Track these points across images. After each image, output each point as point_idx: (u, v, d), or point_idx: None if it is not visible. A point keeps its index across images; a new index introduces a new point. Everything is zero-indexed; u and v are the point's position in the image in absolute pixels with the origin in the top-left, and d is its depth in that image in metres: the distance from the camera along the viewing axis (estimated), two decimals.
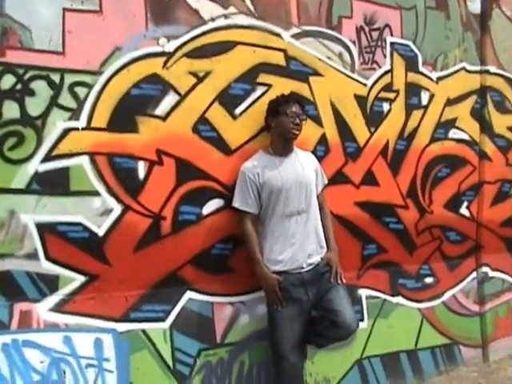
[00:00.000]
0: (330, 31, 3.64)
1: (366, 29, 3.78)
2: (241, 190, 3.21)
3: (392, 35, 3.89)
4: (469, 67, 4.28)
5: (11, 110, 2.75)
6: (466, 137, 4.27)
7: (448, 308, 4.16)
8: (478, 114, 4.33)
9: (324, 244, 3.28)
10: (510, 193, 4.50)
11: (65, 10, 2.87)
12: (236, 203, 3.20)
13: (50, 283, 2.88)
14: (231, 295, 3.35)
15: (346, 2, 3.70)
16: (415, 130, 4.00)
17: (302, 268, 3.16)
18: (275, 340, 3.16)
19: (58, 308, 2.89)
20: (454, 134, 4.20)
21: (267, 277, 3.12)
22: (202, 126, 3.23)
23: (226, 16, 3.30)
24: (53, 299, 2.88)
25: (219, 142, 3.28)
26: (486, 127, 4.35)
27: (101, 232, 2.98)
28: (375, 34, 3.81)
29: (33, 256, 2.82)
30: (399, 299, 3.94)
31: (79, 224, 2.92)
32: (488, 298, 4.33)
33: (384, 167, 3.86)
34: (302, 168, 3.28)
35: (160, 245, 3.13)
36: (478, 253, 4.36)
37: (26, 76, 2.78)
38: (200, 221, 3.24)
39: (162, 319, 3.13)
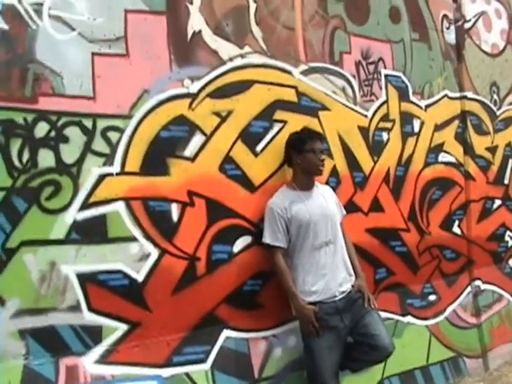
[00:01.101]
0: (333, 67, 3.78)
1: (364, 63, 3.95)
2: (270, 225, 3.25)
3: (385, 68, 4.09)
4: (450, 94, 4.55)
5: (46, 158, 2.68)
6: (452, 159, 4.52)
7: (450, 322, 4.35)
8: (461, 138, 4.60)
9: (352, 272, 3.38)
10: (492, 209, 4.79)
11: (93, 54, 2.84)
12: (267, 239, 3.23)
13: (94, 335, 2.79)
14: (264, 330, 3.36)
15: (345, 38, 3.86)
16: (411, 156, 4.20)
17: (335, 297, 3.23)
18: (315, 370, 3.19)
19: (103, 359, 2.80)
20: (442, 157, 4.44)
21: (304, 308, 3.16)
22: (228, 164, 3.26)
23: (242, 56, 3.37)
24: (97, 351, 2.78)
25: (243, 180, 3.32)
26: (468, 149, 4.63)
27: (140, 278, 2.92)
28: (371, 68, 4.00)
29: (75, 308, 2.73)
30: (409, 318, 4.08)
31: (119, 271, 2.87)
32: (483, 309, 4.56)
33: (387, 193, 4.02)
34: (325, 201, 3.37)
35: (196, 286, 3.11)
36: (470, 268, 4.59)
37: (60, 123, 2.72)
38: (231, 259, 3.25)
39: (203, 360, 3.10)
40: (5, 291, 2.56)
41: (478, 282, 4.61)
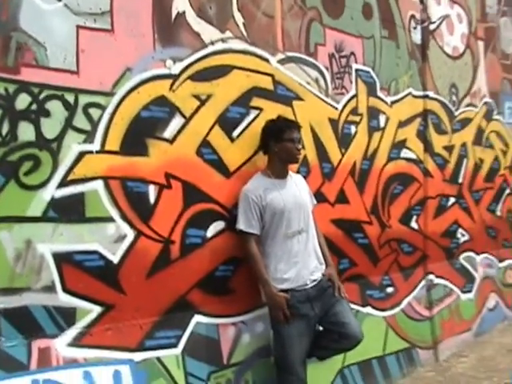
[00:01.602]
0: (308, 57, 3.82)
1: (337, 56, 4.02)
2: (244, 212, 3.24)
3: (356, 62, 4.17)
4: (414, 92, 4.70)
5: (26, 132, 2.56)
6: (413, 156, 4.67)
7: (406, 314, 4.50)
8: (422, 135, 4.77)
9: (323, 261, 3.43)
10: (447, 206, 4.98)
11: (78, 27, 2.75)
12: (241, 225, 3.23)
13: (68, 316, 2.70)
14: (233, 316, 3.36)
15: (320, 30, 3.91)
16: (376, 150, 4.31)
17: (307, 285, 3.27)
18: (284, 357, 3.23)
19: (76, 342, 2.71)
20: (404, 153, 4.58)
21: (276, 295, 3.18)
22: (205, 148, 3.24)
23: (223, 40, 3.35)
24: (71, 333, 2.69)
25: (219, 165, 3.31)
26: (428, 147, 4.80)
27: (115, 259, 2.86)
28: (344, 61, 4.07)
29: (50, 289, 2.63)
30: (368, 309, 4.18)
31: (95, 252, 2.79)
32: (435, 303, 4.74)
33: (353, 186, 4.11)
34: (298, 190, 3.41)
35: (170, 269, 3.07)
36: (425, 262, 4.76)
37: (41, 96, 2.61)
38: (204, 244, 3.23)
39: (175, 345, 3.06)
40: None
41: (431, 276, 4.79)
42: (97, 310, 2.79)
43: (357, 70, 4.17)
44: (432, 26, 4.87)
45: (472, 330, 5.05)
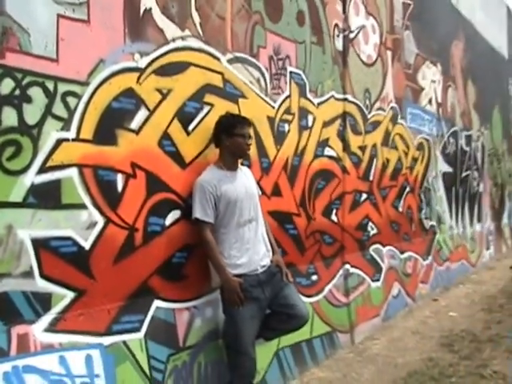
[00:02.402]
0: (252, 58, 4.06)
1: (275, 58, 4.30)
2: (200, 201, 3.41)
3: (291, 65, 4.48)
4: (336, 95, 5.11)
5: (9, 117, 2.57)
6: (334, 154, 5.07)
7: (328, 301, 4.88)
8: (341, 135, 5.19)
9: (270, 248, 3.69)
10: (360, 201, 5.46)
11: (59, 16, 2.78)
12: (197, 214, 3.39)
13: (44, 302, 2.73)
14: (187, 301, 3.52)
15: (262, 34, 4.17)
16: (304, 148, 4.65)
17: (257, 270, 3.51)
18: (237, 339, 3.42)
19: (52, 327, 2.74)
20: (327, 151, 4.97)
21: (231, 280, 3.38)
22: (165, 140, 3.38)
23: (183, 38, 3.49)
24: (47, 319, 2.72)
25: (176, 157, 3.46)
26: (346, 146, 5.23)
27: (87, 246, 2.92)
28: (280, 63, 4.36)
29: (28, 274, 2.65)
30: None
31: (69, 238, 2.83)
32: (351, 290, 5.19)
33: (285, 180, 4.42)
34: (248, 181, 3.66)
35: (134, 256, 3.17)
36: (342, 253, 5.18)
37: (24, 81, 2.62)
38: (163, 231, 3.36)
39: (138, 329, 3.17)
40: None
41: (347, 266, 5.22)
42: (70, 295, 2.84)
43: (291, 73, 4.49)
44: (351, 35, 5.32)
45: (380, 316, 5.58)
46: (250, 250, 3.52)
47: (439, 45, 7.73)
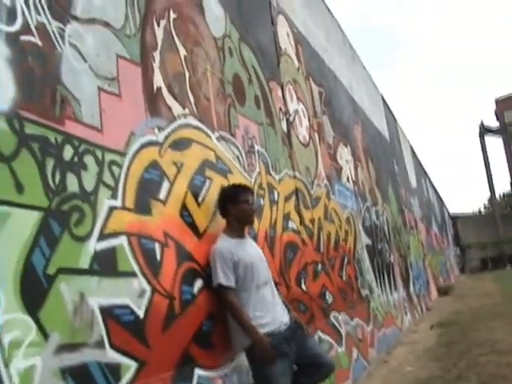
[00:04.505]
0: (231, 137, 4.33)
1: (246, 137, 4.60)
2: (221, 267, 3.49)
3: (257, 144, 4.81)
4: (289, 172, 5.47)
5: (72, 183, 2.59)
6: (295, 227, 5.34)
7: None
8: (297, 210, 5.50)
9: (284, 306, 3.79)
10: (318, 271, 5.71)
11: (99, 88, 2.90)
12: (221, 280, 3.45)
13: (115, 374, 2.61)
14: (218, 368, 3.47)
15: (235, 115, 4.48)
16: (276, 221, 4.89)
17: (281, 327, 3.59)
18: None
19: None
20: (290, 224, 5.23)
21: (263, 339, 3.42)
22: (184, 211, 3.47)
23: (185, 115, 3.70)
24: None
25: (194, 227, 3.55)
26: (302, 220, 5.54)
27: (141, 314, 2.86)
28: (250, 142, 4.67)
29: (100, 344, 2.55)
30: None
31: (127, 306, 2.78)
32: None
33: (268, 251, 4.58)
34: (256, 247, 3.83)
35: (176, 324, 3.13)
36: (314, 320, 5.31)
37: (80, 149, 2.68)
38: (193, 300, 3.36)
39: None
40: (47, 323, 2.29)
41: (319, 333, 5.36)
42: (134, 365, 2.73)
43: (258, 151, 4.80)
44: (291, 118, 5.82)
45: (350, 379, 5.69)
46: (272, 309, 3.62)
47: (345, 128, 8.57)
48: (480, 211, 59.67)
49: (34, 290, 2.27)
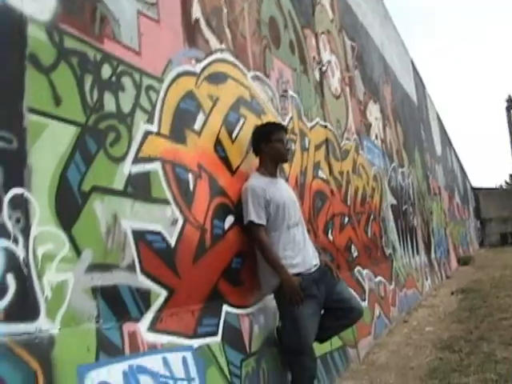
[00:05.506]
0: (266, 79, 4.23)
1: (280, 81, 4.50)
2: (253, 204, 3.43)
3: (290, 89, 4.70)
4: (320, 122, 5.37)
5: (109, 103, 2.52)
6: (324, 176, 5.26)
7: None
8: (327, 160, 5.41)
9: (315, 249, 3.74)
10: (344, 223, 5.65)
11: (138, 12, 2.81)
12: (252, 217, 3.40)
13: (145, 299, 2.58)
14: (246, 307, 3.45)
15: (270, 57, 4.37)
16: (306, 168, 4.81)
17: (311, 269, 3.54)
18: (299, 337, 3.39)
19: (153, 327, 2.58)
20: (320, 173, 5.15)
21: (292, 279, 3.38)
22: (218, 146, 3.40)
23: (221, 50, 3.60)
24: (148, 317, 2.57)
25: (227, 162, 3.49)
26: (331, 170, 5.45)
27: (173, 243, 2.82)
28: (284, 86, 4.56)
29: (131, 268, 2.51)
30: None
31: (159, 233, 2.74)
32: None
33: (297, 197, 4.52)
34: (288, 188, 3.76)
35: (206, 258, 3.10)
36: (340, 271, 5.23)
37: (118, 69, 2.60)
38: (224, 235, 3.32)
39: (215, 333, 3.05)
40: (80, 240, 2.26)
41: None
42: (164, 293, 2.70)
43: (291, 96, 4.70)
44: (323, 68, 5.69)
45: (371, 334, 5.67)
46: (302, 250, 3.56)
47: (376, 86, 8.39)
48: (502, 186, 58.93)
49: (68, 205, 2.22)
